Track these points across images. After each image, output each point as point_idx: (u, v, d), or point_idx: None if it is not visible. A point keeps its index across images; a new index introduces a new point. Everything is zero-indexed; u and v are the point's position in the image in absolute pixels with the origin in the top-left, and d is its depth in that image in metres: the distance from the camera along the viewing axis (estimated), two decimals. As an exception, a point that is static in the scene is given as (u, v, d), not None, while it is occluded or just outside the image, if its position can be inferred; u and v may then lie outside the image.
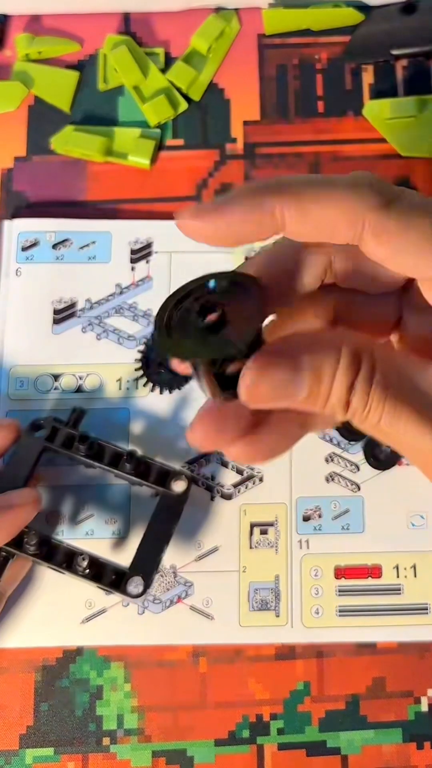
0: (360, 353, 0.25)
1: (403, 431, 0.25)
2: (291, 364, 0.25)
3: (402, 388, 0.25)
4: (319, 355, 0.25)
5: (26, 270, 0.43)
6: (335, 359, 0.25)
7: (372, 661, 0.40)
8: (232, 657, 0.40)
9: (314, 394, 0.25)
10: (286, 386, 0.25)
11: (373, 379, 0.25)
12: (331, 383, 0.25)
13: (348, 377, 0.25)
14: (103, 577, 0.37)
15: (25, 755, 0.38)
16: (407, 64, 0.47)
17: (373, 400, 0.25)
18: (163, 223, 0.44)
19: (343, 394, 0.25)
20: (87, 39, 0.48)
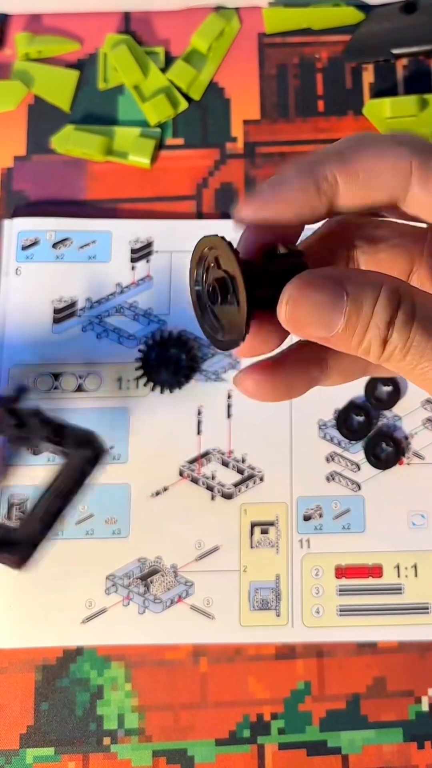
0: (400, 291, 0.25)
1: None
2: (332, 288, 0.25)
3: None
4: (360, 285, 0.25)
5: (26, 269, 0.43)
6: (376, 292, 0.25)
7: (372, 661, 0.39)
8: (233, 656, 0.39)
9: (352, 326, 0.25)
10: (326, 311, 0.25)
11: (414, 315, 0.25)
12: (371, 314, 0.25)
13: (388, 311, 0.25)
14: None
15: (25, 755, 0.38)
16: (407, 63, 0.47)
17: (415, 335, 0.25)
18: (164, 223, 0.44)
19: (383, 328, 0.25)
20: (87, 38, 0.48)
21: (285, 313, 0.25)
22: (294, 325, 0.26)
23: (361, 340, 0.25)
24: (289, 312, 0.25)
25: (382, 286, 0.25)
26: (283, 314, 0.25)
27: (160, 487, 0.41)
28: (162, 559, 0.40)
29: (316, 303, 0.25)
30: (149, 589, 0.40)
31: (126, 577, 0.40)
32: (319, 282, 0.25)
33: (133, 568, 0.40)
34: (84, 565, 0.40)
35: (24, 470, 0.41)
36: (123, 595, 0.40)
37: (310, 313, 0.25)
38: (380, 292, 0.25)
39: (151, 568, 0.40)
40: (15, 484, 0.41)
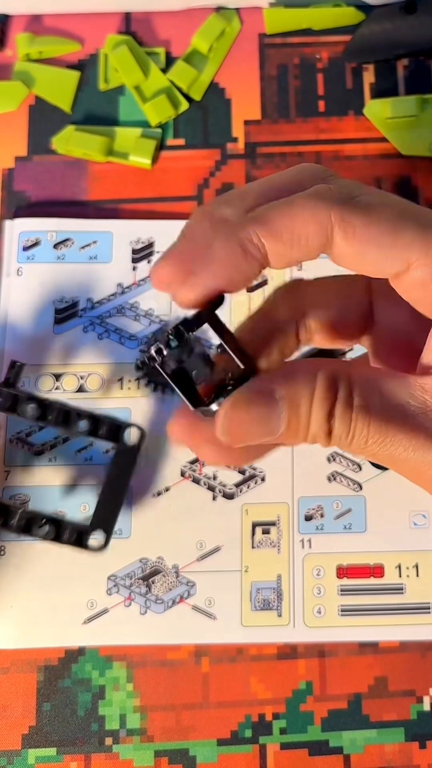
0: (336, 378, 0.25)
1: (392, 448, 0.25)
2: (266, 399, 0.25)
3: (385, 406, 0.25)
4: (294, 386, 0.25)
5: (27, 270, 0.43)
6: (311, 388, 0.25)
7: (374, 661, 0.40)
8: (235, 657, 0.40)
9: (294, 427, 0.25)
10: (264, 422, 0.25)
11: (353, 403, 0.25)
12: (309, 413, 0.25)
13: (326, 405, 0.25)
14: (62, 537, 0.37)
15: (27, 755, 0.38)
16: (408, 64, 0.47)
17: (357, 423, 0.25)
18: (165, 223, 0.44)
19: (324, 422, 0.25)
20: (88, 39, 0.48)
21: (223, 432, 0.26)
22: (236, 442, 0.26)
23: (305, 436, 0.26)
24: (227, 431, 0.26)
25: (316, 378, 0.25)
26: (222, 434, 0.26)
27: (161, 488, 0.41)
28: (163, 560, 0.40)
29: (251, 419, 0.25)
30: (151, 589, 0.40)
31: (128, 578, 0.40)
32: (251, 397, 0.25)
33: (134, 568, 0.40)
34: (86, 566, 0.40)
35: (24, 470, 0.41)
36: (125, 596, 0.40)
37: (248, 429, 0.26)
38: (316, 385, 0.25)
39: (153, 568, 0.40)
40: (15, 484, 0.41)
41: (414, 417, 0.25)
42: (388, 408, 0.25)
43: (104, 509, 0.37)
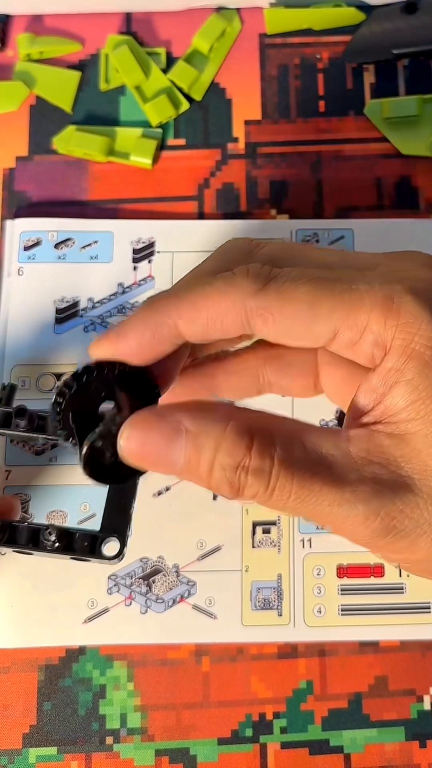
0: (251, 429, 0.24)
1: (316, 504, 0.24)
2: (169, 427, 0.24)
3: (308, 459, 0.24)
4: (202, 423, 0.24)
5: (28, 269, 0.43)
6: (220, 430, 0.24)
7: (374, 660, 0.40)
8: (235, 656, 0.40)
9: (194, 468, 0.24)
10: (163, 451, 0.24)
11: (274, 456, 0.24)
12: (213, 455, 0.24)
13: (234, 455, 0.24)
14: (75, 547, 0.35)
15: (28, 754, 0.38)
16: (408, 64, 0.47)
17: (278, 478, 0.24)
18: (166, 223, 0.44)
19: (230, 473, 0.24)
20: (88, 39, 0.48)
21: (123, 452, 0.25)
22: (134, 463, 0.25)
23: (207, 482, 0.24)
24: (126, 453, 0.25)
25: (228, 425, 0.24)
26: (122, 453, 0.25)
27: (162, 487, 0.41)
28: (164, 559, 0.40)
29: (150, 443, 0.25)
30: (151, 588, 0.40)
31: (128, 577, 0.40)
32: (153, 421, 0.25)
33: (135, 567, 0.40)
34: (86, 565, 0.40)
35: (25, 470, 0.41)
36: (125, 595, 0.40)
37: (146, 454, 0.25)
38: (226, 431, 0.24)
39: (153, 567, 0.40)
40: (16, 483, 0.41)
41: (339, 470, 0.24)
42: (312, 461, 0.24)
43: (114, 514, 0.36)
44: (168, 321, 0.26)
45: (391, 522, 0.24)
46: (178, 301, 0.27)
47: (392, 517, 0.24)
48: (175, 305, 0.27)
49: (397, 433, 0.25)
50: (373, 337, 0.25)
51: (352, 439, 0.25)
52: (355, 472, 0.24)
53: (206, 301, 0.26)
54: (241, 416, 0.25)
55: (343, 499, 0.24)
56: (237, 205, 0.45)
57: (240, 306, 0.26)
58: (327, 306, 0.25)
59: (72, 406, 0.28)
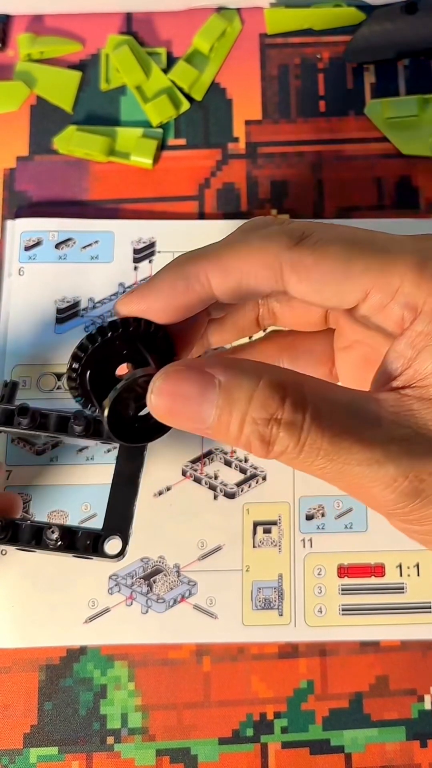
0: (284, 384, 0.24)
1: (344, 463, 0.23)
2: (201, 379, 0.24)
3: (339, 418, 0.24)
4: (236, 376, 0.24)
5: (29, 269, 0.43)
6: (253, 384, 0.23)
7: (375, 660, 0.40)
8: (236, 656, 0.40)
9: (225, 421, 0.24)
10: (194, 404, 0.24)
11: (306, 410, 0.23)
12: (246, 409, 0.23)
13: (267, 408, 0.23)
14: (77, 545, 0.35)
15: (29, 754, 0.38)
16: (408, 64, 0.47)
17: (309, 433, 0.23)
18: (166, 223, 0.44)
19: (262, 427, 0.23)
20: (89, 39, 0.48)
21: (152, 406, 0.25)
22: (163, 418, 0.25)
23: (238, 434, 0.24)
24: (155, 406, 0.25)
25: (261, 378, 0.23)
26: (151, 406, 0.25)
27: (162, 487, 0.41)
28: (165, 559, 0.40)
29: (182, 395, 0.24)
30: (152, 588, 0.40)
31: (129, 577, 0.40)
32: (186, 372, 0.24)
33: (136, 567, 0.40)
34: (87, 565, 0.40)
35: (26, 470, 0.41)
36: (126, 595, 0.40)
37: (177, 406, 0.24)
38: (259, 385, 0.23)
39: (154, 567, 0.40)
40: (17, 483, 0.41)
41: (370, 429, 0.24)
42: (343, 419, 0.24)
43: (116, 512, 0.36)
44: (201, 275, 0.26)
45: (420, 485, 0.24)
46: (212, 256, 0.26)
47: (421, 480, 0.24)
48: (209, 259, 0.26)
49: (426, 396, 0.24)
50: (405, 299, 0.25)
51: (382, 401, 0.24)
52: (386, 433, 0.24)
53: (241, 255, 0.26)
54: (273, 371, 0.24)
55: (373, 459, 0.23)
56: (237, 205, 0.45)
57: (275, 260, 0.25)
58: (361, 265, 0.25)
59: (91, 363, 0.27)
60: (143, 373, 0.26)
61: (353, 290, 0.25)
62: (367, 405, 0.24)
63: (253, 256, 0.26)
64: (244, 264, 0.26)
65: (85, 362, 0.27)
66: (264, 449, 0.24)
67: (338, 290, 0.25)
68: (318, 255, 0.25)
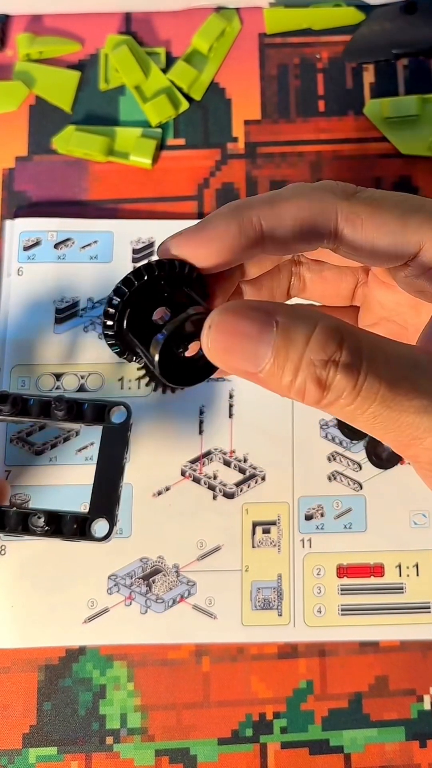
0: (341, 329, 0.23)
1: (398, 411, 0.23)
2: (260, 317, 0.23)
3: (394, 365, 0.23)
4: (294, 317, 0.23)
5: (28, 269, 0.43)
6: (311, 325, 0.23)
7: (374, 660, 0.40)
8: (235, 656, 0.40)
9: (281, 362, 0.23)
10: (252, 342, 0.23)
11: (362, 354, 0.23)
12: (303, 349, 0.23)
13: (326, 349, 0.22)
14: (64, 530, 0.34)
15: (28, 754, 0.38)
16: (408, 63, 0.47)
17: (367, 378, 0.23)
18: (165, 223, 0.44)
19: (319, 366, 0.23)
20: (88, 39, 0.48)
21: (208, 342, 0.24)
22: (217, 356, 0.24)
23: (293, 378, 0.23)
24: (212, 341, 0.24)
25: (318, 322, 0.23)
26: (206, 343, 0.24)
27: (162, 487, 0.41)
28: (164, 559, 0.40)
29: (240, 333, 0.23)
30: (151, 588, 0.40)
31: (128, 577, 0.40)
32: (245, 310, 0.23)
33: (135, 567, 0.40)
34: (86, 565, 0.40)
35: (25, 470, 0.41)
36: (125, 595, 0.40)
37: (234, 343, 0.23)
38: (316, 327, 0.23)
39: (153, 567, 0.40)
40: (16, 483, 0.41)
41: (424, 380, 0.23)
42: (399, 366, 0.23)
43: (102, 495, 0.36)
44: (254, 219, 0.26)
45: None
46: (267, 201, 0.26)
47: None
48: (264, 204, 0.26)
49: None
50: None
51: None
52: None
53: (297, 203, 0.26)
54: (330, 318, 0.23)
55: (423, 407, 0.23)
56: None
57: (331, 209, 0.25)
58: (417, 219, 0.25)
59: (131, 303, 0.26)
60: (195, 312, 0.25)
61: (409, 242, 0.25)
62: (420, 357, 0.24)
63: (310, 204, 0.26)
64: (299, 211, 0.26)
65: (126, 300, 0.26)
66: (319, 394, 0.23)
67: (394, 241, 0.25)
68: (374, 207, 0.25)
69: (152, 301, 0.26)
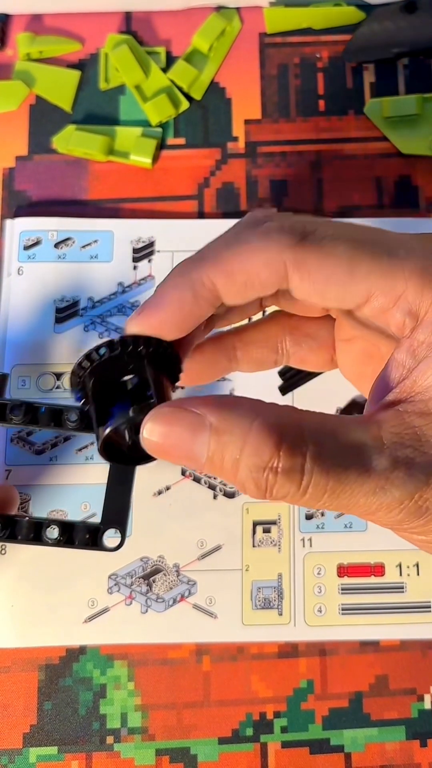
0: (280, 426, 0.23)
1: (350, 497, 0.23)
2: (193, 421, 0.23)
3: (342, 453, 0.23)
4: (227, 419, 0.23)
5: (28, 269, 0.43)
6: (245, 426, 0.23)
7: (375, 659, 0.40)
8: (235, 655, 0.40)
9: (218, 464, 0.23)
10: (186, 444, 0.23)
11: (306, 453, 0.23)
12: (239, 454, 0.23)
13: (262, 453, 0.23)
14: (75, 540, 0.34)
15: (28, 754, 0.38)
16: (408, 63, 0.47)
17: (312, 476, 0.23)
18: (165, 222, 0.44)
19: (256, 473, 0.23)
20: (88, 38, 0.48)
21: (144, 444, 0.25)
22: (156, 455, 0.25)
23: (232, 479, 0.23)
24: (148, 444, 0.25)
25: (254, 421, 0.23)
26: (144, 444, 0.25)
27: (162, 487, 0.41)
28: (164, 558, 0.40)
29: (175, 436, 0.24)
30: (152, 588, 0.40)
31: (128, 576, 0.40)
32: (178, 413, 0.24)
33: (135, 567, 0.40)
34: (86, 565, 0.40)
35: (25, 469, 0.41)
36: (125, 594, 0.40)
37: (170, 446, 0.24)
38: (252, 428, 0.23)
39: (154, 567, 0.40)
40: (16, 483, 0.41)
41: (372, 458, 0.23)
42: (345, 453, 0.23)
43: (113, 505, 0.36)
44: (206, 282, 0.26)
45: (425, 504, 0.24)
46: (215, 259, 0.26)
47: (425, 499, 0.24)
48: (212, 263, 0.26)
49: (427, 411, 0.24)
50: (407, 306, 0.24)
51: (382, 423, 0.24)
52: (388, 458, 0.23)
53: (244, 256, 0.25)
54: (267, 412, 0.23)
55: (378, 487, 0.23)
56: (237, 204, 0.45)
57: (278, 260, 0.25)
58: (365, 267, 0.24)
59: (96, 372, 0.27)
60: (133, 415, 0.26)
61: (356, 292, 0.25)
62: (368, 430, 0.24)
63: (256, 256, 0.25)
64: (247, 265, 0.25)
65: (90, 371, 0.27)
66: (261, 494, 0.23)
67: (341, 291, 0.25)
68: (322, 254, 0.25)
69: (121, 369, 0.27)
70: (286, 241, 0.25)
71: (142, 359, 0.27)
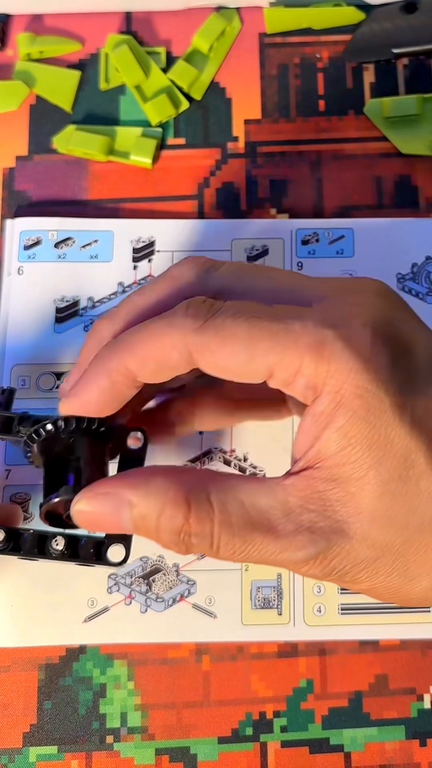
0: (189, 496, 0.26)
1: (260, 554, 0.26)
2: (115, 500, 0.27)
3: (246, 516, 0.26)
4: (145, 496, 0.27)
5: (28, 269, 0.43)
6: (160, 502, 0.26)
7: (374, 659, 0.40)
8: (235, 655, 0.40)
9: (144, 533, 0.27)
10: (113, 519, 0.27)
11: (213, 519, 0.26)
12: (157, 523, 0.26)
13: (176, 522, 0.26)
14: (80, 554, 0.34)
15: (28, 753, 0.38)
16: (408, 63, 0.47)
17: (221, 538, 0.26)
18: (166, 222, 0.44)
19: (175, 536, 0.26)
20: (88, 38, 0.48)
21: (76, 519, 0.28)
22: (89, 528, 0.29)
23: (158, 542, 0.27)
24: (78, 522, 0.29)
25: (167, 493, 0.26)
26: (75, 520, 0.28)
27: (162, 486, 0.41)
28: (164, 558, 0.40)
29: (99, 515, 0.28)
30: (151, 587, 0.40)
31: (128, 576, 0.40)
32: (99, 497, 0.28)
33: (135, 566, 0.40)
34: (86, 564, 0.40)
35: (25, 469, 0.41)
36: (125, 594, 0.40)
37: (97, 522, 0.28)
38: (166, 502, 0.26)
39: (153, 566, 0.40)
40: (16, 482, 0.41)
41: (276, 522, 0.26)
42: (250, 517, 0.26)
43: None
44: (121, 369, 0.28)
45: (330, 564, 0.26)
46: (128, 347, 0.28)
47: (330, 560, 0.26)
48: (125, 350, 0.28)
49: (331, 477, 0.26)
50: (305, 380, 0.26)
51: (289, 487, 0.26)
52: (292, 522, 0.26)
53: (152, 343, 0.28)
54: (180, 481, 0.26)
55: (283, 549, 0.26)
56: (237, 204, 0.45)
57: (182, 345, 0.27)
58: (263, 346, 0.26)
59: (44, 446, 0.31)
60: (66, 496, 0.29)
61: (257, 370, 0.26)
62: (274, 495, 0.26)
63: (162, 342, 0.27)
64: (156, 351, 0.28)
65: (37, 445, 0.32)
66: (184, 553, 0.27)
67: (244, 369, 0.27)
68: (222, 338, 0.26)
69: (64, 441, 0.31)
70: (190, 325, 0.27)
71: (81, 436, 0.31)
